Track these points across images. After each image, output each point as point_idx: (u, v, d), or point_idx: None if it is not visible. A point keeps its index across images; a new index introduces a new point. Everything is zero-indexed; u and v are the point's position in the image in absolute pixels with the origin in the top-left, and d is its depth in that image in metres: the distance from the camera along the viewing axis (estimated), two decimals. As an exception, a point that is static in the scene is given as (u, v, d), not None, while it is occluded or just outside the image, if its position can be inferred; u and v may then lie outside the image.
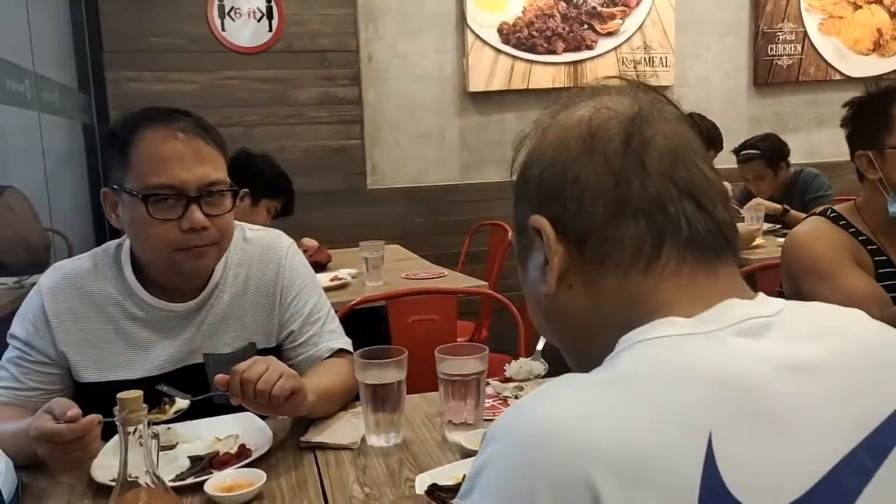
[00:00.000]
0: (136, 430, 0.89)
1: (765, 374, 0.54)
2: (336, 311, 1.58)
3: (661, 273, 0.61)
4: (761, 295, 0.63)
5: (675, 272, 0.61)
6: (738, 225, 2.68)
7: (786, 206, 3.37)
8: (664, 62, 4.25)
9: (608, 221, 0.61)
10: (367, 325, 2.21)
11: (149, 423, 1.15)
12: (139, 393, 0.90)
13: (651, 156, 0.62)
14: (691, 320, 0.57)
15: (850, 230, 1.69)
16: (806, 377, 0.55)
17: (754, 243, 3.03)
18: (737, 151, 3.63)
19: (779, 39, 4.45)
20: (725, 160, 3.55)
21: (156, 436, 1.01)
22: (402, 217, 3.93)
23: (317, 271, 2.81)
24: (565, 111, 0.67)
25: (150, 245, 1.27)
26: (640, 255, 0.61)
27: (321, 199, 3.71)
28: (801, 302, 0.63)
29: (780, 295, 1.86)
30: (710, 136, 3.24)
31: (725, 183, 2.60)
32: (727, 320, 0.57)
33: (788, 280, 1.77)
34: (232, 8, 3.60)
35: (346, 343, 1.46)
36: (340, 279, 2.64)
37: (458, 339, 2.40)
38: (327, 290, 2.51)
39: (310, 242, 2.94)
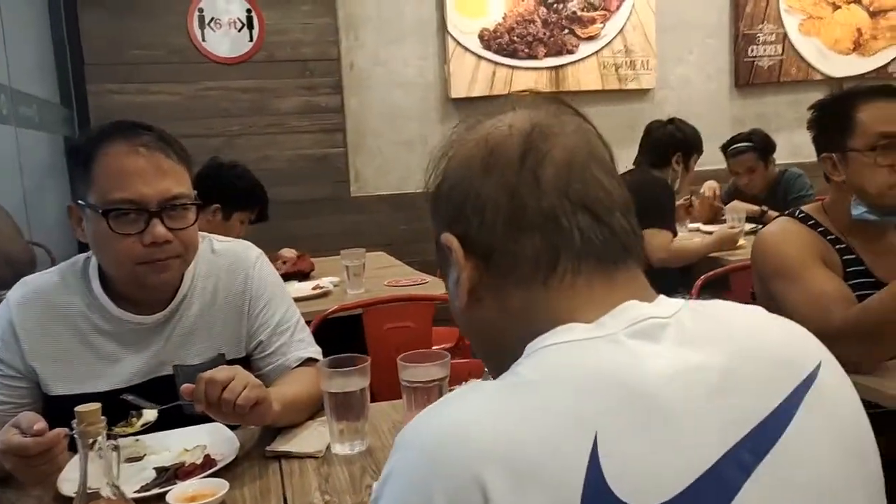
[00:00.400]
0: (94, 442, 0.91)
1: (656, 375, 0.56)
2: (311, 321, 1.59)
3: (560, 285, 0.63)
4: (661, 297, 0.65)
5: (571, 282, 0.63)
6: (721, 227, 2.69)
7: (763, 208, 3.39)
8: (646, 65, 4.28)
9: (507, 237, 0.64)
10: (349, 333, 2.22)
11: (116, 436, 1.17)
12: (97, 406, 0.91)
13: (546, 171, 0.64)
14: (591, 325, 0.60)
15: (819, 230, 1.71)
16: (695, 377, 0.57)
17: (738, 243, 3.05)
18: (726, 147, 3.64)
19: (759, 41, 4.49)
20: (710, 161, 3.57)
21: (116, 448, 1.03)
22: (386, 224, 3.95)
23: (300, 280, 2.85)
24: (471, 129, 0.69)
25: (112, 259, 1.29)
26: (539, 267, 0.64)
27: (305, 208, 3.73)
28: (700, 301, 0.66)
29: (753, 295, 1.88)
30: (692, 142, 3.25)
31: (712, 182, 2.62)
32: (623, 322, 0.60)
33: (759, 281, 1.79)
34: (212, 19, 3.62)
35: (315, 352, 1.48)
36: (322, 288, 2.65)
37: (444, 345, 2.42)
38: (309, 298, 2.54)
39: (289, 253, 2.95)
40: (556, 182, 0.64)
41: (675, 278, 2.90)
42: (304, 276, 2.89)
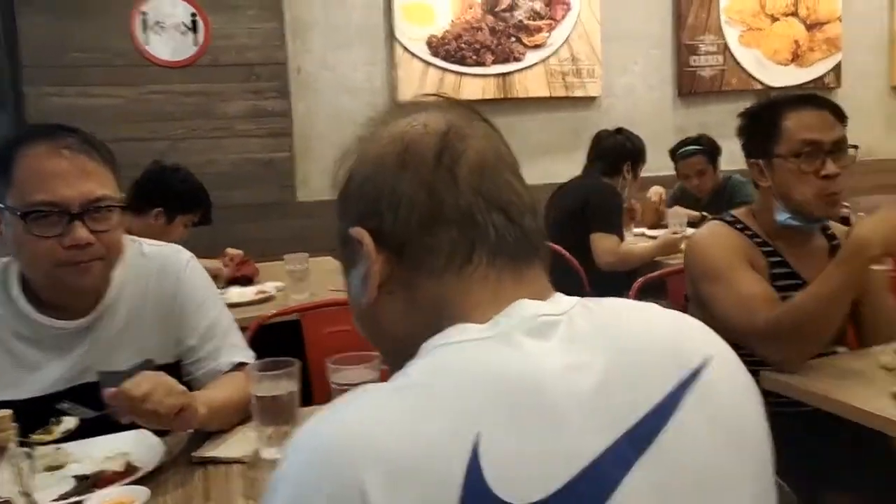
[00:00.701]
0: (4, 449, 0.88)
1: (542, 372, 0.57)
2: (247, 326, 1.57)
3: (472, 276, 0.64)
4: (557, 295, 0.66)
5: (484, 276, 0.64)
6: (664, 233, 2.75)
7: (704, 214, 3.47)
8: (591, 74, 4.35)
9: (423, 230, 0.65)
10: (291, 338, 2.20)
11: (32, 444, 1.14)
12: (7, 412, 0.90)
13: (461, 169, 0.65)
14: (484, 325, 0.61)
15: (747, 233, 1.76)
16: (581, 374, 0.58)
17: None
18: (675, 150, 3.72)
19: (701, 51, 4.59)
20: (654, 168, 3.64)
21: (30, 455, 1.00)
22: (332, 229, 3.91)
23: (244, 285, 2.82)
24: (383, 127, 0.70)
25: (32, 262, 1.26)
26: (454, 258, 0.64)
27: (251, 213, 3.68)
28: (595, 299, 0.67)
29: (686, 298, 1.92)
30: (640, 151, 3.33)
31: (658, 187, 2.71)
32: (516, 321, 0.61)
33: (690, 283, 1.84)
34: (156, 22, 3.55)
35: (248, 356, 1.46)
36: (266, 292, 2.63)
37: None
38: (252, 303, 2.52)
39: (233, 251, 2.92)
40: (472, 181, 0.65)
41: (622, 282, 2.95)
42: (248, 280, 2.86)
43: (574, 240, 3.04)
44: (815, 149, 1.63)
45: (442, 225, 0.64)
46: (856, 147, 1.69)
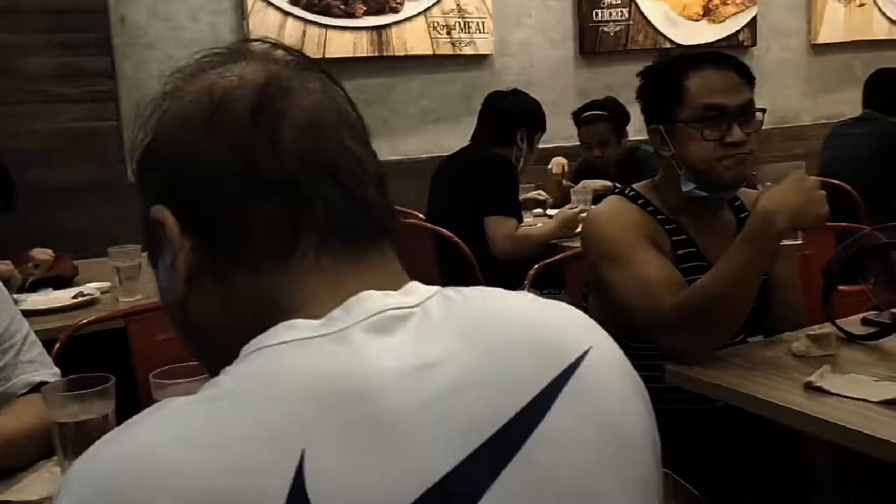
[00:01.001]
0: None
1: (384, 375, 0.56)
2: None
3: (299, 265, 0.62)
4: (412, 284, 0.65)
5: (315, 261, 0.62)
6: (562, 209, 2.78)
7: (616, 185, 3.56)
8: (481, 28, 4.40)
9: (236, 208, 0.62)
10: (119, 351, 2.11)
11: None
12: None
13: (284, 132, 0.63)
14: (319, 321, 0.59)
15: (649, 209, 1.82)
16: (430, 376, 0.57)
17: (579, 229, 3.19)
18: (577, 115, 3.78)
19: (604, 4, 4.73)
20: (555, 137, 3.73)
21: None
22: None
23: (60, 286, 2.68)
24: (191, 79, 0.67)
25: None
26: (275, 245, 0.62)
27: (68, 197, 3.51)
28: (458, 288, 0.66)
29: (587, 285, 1.97)
30: (536, 116, 3.37)
31: (560, 159, 2.74)
32: (357, 316, 0.59)
33: (589, 267, 1.89)
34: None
35: (50, 375, 1.39)
36: (86, 295, 2.51)
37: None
38: (68, 309, 2.39)
39: (42, 255, 2.76)
40: (298, 146, 0.63)
41: (522, 269, 2.99)
42: (64, 281, 2.72)
43: (464, 222, 3.05)
44: (719, 114, 1.71)
45: (259, 201, 0.62)
46: (763, 110, 1.78)
